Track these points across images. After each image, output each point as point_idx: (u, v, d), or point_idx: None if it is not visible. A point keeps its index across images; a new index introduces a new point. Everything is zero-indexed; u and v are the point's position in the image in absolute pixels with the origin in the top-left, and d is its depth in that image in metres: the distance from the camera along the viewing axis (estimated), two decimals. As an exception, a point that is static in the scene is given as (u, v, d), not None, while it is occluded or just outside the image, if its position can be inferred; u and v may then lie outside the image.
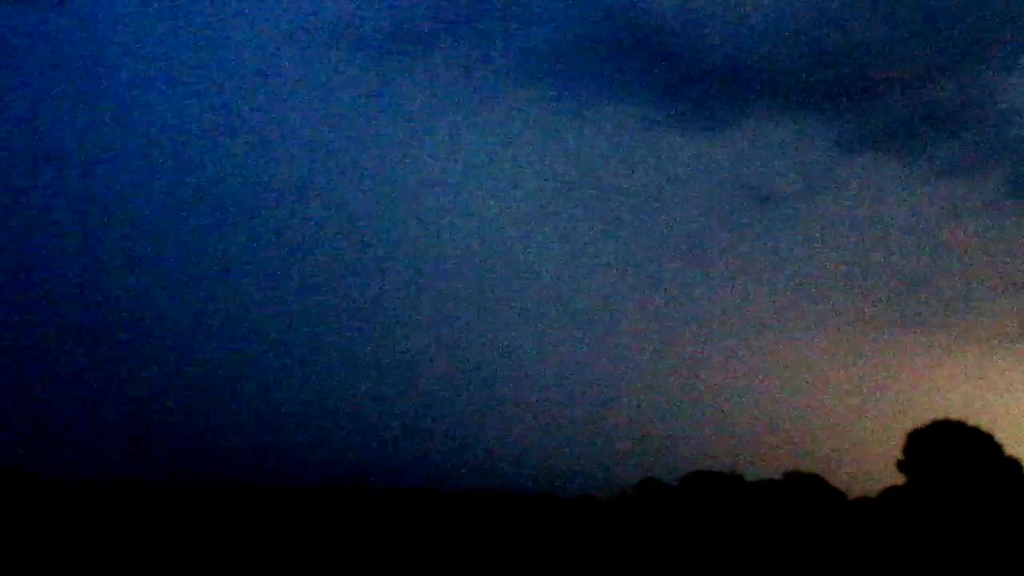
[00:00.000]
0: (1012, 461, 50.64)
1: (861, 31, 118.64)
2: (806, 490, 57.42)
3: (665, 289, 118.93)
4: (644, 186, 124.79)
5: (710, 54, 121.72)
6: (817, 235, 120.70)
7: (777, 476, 59.86)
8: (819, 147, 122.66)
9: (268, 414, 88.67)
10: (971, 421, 53.16)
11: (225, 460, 73.97)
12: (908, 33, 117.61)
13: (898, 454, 54.44)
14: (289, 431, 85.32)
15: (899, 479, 54.57)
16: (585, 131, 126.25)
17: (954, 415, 53.72)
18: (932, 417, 54.16)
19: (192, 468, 67.83)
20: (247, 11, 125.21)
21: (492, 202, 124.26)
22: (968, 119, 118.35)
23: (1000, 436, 52.25)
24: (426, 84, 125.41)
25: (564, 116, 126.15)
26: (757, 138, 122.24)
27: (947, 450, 50.92)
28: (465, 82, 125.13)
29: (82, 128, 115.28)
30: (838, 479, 59.03)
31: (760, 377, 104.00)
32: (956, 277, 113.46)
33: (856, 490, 59.25)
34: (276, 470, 70.92)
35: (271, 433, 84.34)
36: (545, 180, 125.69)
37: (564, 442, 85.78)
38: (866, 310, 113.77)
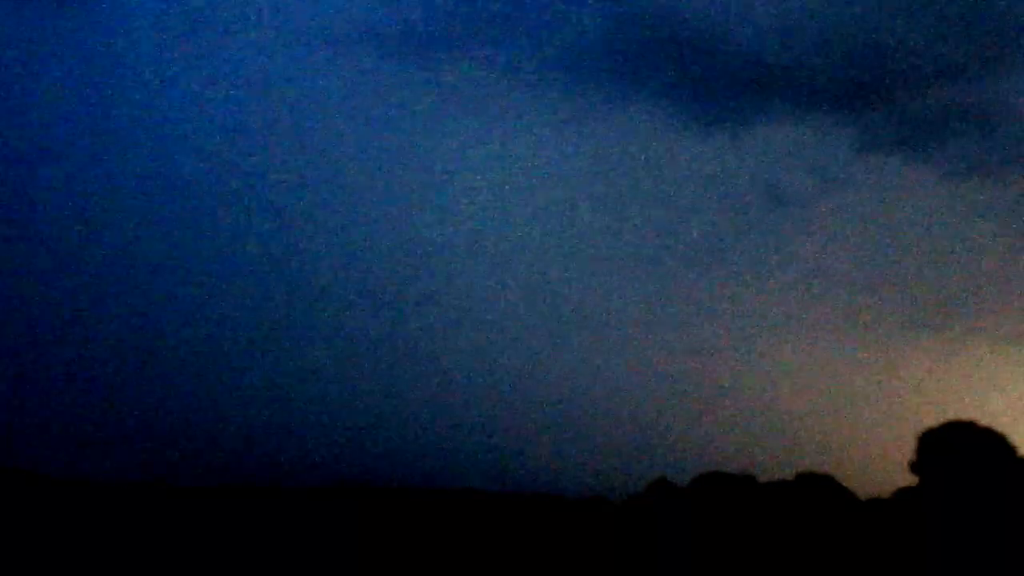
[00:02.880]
0: (1026, 462, 50.22)
1: (881, 32, 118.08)
2: (818, 491, 57.06)
3: (678, 289, 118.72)
4: (660, 186, 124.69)
5: (729, 55, 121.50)
6: (832, 236, 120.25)
7: (789, 477, 59.53)
8: (836, 148, 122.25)
9: (275, 414, 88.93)
10: (984, 422, 52.79)
11: (232, 460, 74.19)
12: (928, 34, 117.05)
13: (910, 455, 54.10)
14: (296, 431, 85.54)
15: (911, 480, 54.20)
16: (602, 132, 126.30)
17: (967, 416, 53.35)
18: (944, 418, 53.84)
19: (199, 468, 68.06)
20: (267, 12, 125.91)
21: (508, 203, 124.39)
22: (987, 120, 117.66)
23: (1013, 437, 51.87)
24: (447, 85, 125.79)
25: (582, 117, 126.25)
26: (774, 139, 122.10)
27: (959, 451, 50.50)
28: (485, 84, 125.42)
29: (92, 128, 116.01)
30: (850, 480, 58.67)
31: (772, 377, 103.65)
32: (972, 278, 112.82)
33: (868, 491, 58.90)
34: (283, 470, 71.05)
35: (278, 433, 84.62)
36: (561, 181, 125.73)
37: (574, 442, 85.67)
38: (879, 311, 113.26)
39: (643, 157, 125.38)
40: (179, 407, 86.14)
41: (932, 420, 55.14)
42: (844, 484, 57.79)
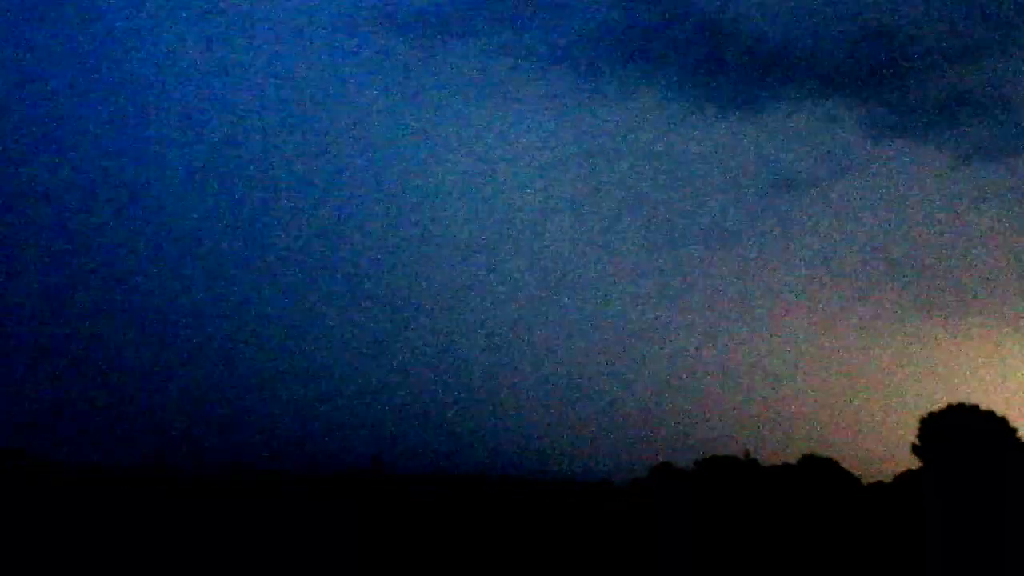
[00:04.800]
0: (1027, 445, 50.52)
1: (892, 17, 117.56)
2: (821, 475, 57.44)
3: (684, 273, 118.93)
4: (670, 170, 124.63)
5: (741, 40, 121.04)
6: (840, 220, 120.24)
7: (792, 461, 59.93)
8: (846, 132, 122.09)
9: (292, 403, 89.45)
10: (986, 406, 53.10)
11: (250, 447, 74.88)
12: (939, 19, 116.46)
13: (913, 438, 54.44)
14: (313, 419, 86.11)
15: (914, 463, 54.58)
16: (613, 116, 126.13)
17: (969, 400, 53.65)
18: (947, 401, 54.16)
19: (219, 455, 68.78)
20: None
21: (520, 186, 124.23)
22: (997, 104, 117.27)
23: (1014, 420, 52.19)
24: (461, 71, 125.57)
25: (593, 101, 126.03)
26: (785, 123, 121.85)
27: (962, 434, 50.83)
28: (498, 69, 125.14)
29: (105, 118, 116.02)
30: (853, 464, 59.03)
31: (775, 362, 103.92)
32: (976, 262, 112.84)
33: (871, 474, 59.30)
34: (299, 456, 71.63)
35: (294, 421, 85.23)
36: (573, 164, 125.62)
37: (580, 427, 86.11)
38: (884, 295, 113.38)
39: (654, 141, 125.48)
40: (189, 398, 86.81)
41: (935, 404, 55.61)
42: (847, 468, 58.26)
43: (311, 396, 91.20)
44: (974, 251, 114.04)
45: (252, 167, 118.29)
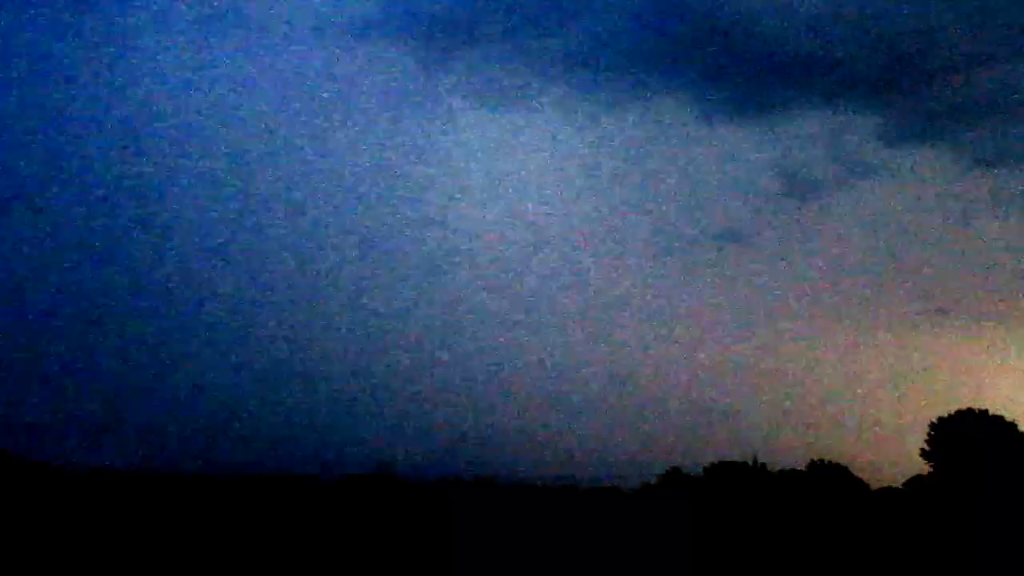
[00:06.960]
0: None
1: (909, 21, 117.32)
2: (830, 480, 57.31)
3: (696, 278, 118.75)
4: (684, 174, 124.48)
5: (756, 44, 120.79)
6: (853, 224, 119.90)
7: (801, 466, 59.78)
8: (860, 137, 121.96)
9: (304, 410, 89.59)
10: (995, 410, 52.98)
11: (257, 452, 75.06)
12: (955, 23, 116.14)
13: (923, 443, 54.33)
14: (320, 424, 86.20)
15: (924, 468, 54.44)
16: (629, 122, 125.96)
17: (978, 405, 53.54)
18: (956, 406, 54.08)
19: (225, 460, 68.92)
20: (289, 6, 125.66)
21: (534, 192, 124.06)
22: (1011, 109, 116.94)
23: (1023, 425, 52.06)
24: (473, 77, 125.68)
25: (608, 107, 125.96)
26: (799, 128, 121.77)
27: (971, 439, 50.76)
28: (511, 75, 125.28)
29: (102, 123, 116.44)
30: (862, 469, 58.87)
31: (785, 366, 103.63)
32: (989, 267, 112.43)
33: (881, 479, 59.10)
34: (310, 461, 71.74)
35: (305, 426, 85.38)
36: (587, 170, 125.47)
37: (588, 433, 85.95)
38: (896, 300, 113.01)
39: (667, 146, 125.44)
40: (195, 402, 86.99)
41: (944, 409, 55.43)
42: (856, 473, 58.06)
43: (318, 400, 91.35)
44: (986, 256, 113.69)
45: (260, 172, 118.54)
